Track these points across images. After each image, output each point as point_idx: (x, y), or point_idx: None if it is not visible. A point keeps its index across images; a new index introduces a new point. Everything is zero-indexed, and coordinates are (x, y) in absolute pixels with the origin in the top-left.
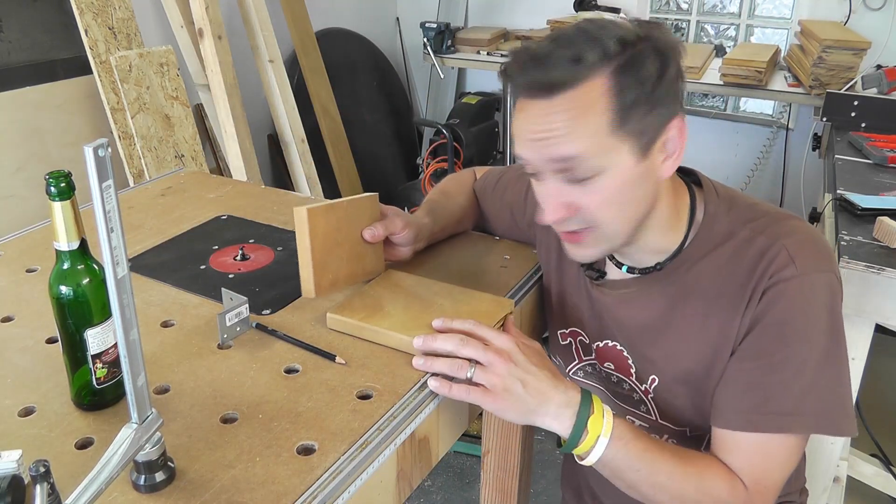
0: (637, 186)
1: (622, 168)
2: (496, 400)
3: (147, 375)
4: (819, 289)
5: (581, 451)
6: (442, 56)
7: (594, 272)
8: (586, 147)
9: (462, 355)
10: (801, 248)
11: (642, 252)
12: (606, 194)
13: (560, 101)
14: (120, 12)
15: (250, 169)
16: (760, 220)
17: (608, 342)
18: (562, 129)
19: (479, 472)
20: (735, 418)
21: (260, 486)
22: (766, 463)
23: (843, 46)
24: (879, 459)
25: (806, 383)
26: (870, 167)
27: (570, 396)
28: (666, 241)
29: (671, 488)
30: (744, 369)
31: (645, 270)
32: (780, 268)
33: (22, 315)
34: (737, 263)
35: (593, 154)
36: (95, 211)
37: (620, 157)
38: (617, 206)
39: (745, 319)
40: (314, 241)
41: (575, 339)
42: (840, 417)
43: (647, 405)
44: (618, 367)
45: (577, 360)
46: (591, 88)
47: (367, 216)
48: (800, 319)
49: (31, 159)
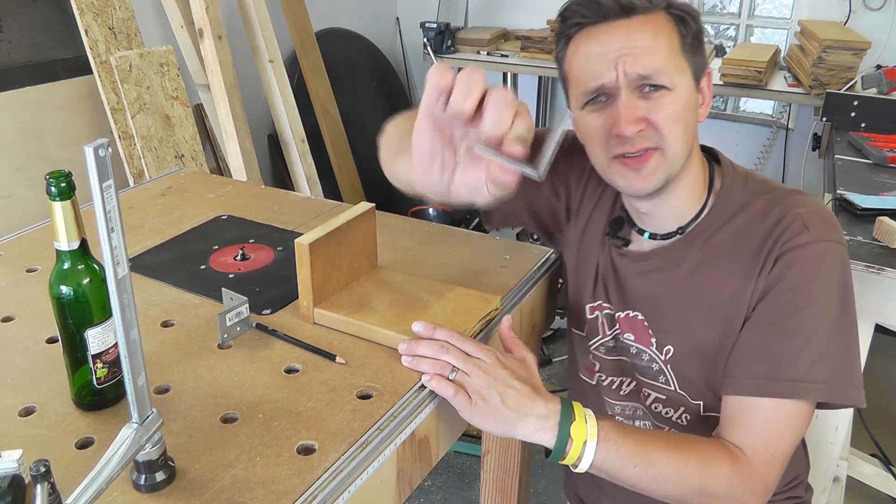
0: (692, 113)
1: (686, 89)
2: (474, 409)
3: (147, 375)
4: (831, 257)
5: (571, 460)
6: (442, 56)
7: (619, 240)
8: (665, 60)
9: (442, 360)
10: (814, 217)
11: (668, 212)
12: (674, 109)
13: (639, 22)
14: (120, 12)
15: (250, 169)
16: (774, 192)
17: (629, 312)
18: (647, 44)
19: (479, 472)
20: (747, 384)
21: (260, 485)
22: (776, 430)
23: (842, 46)
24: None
25: (815, 350)
26: (870, 167)
27: (550, 408)
28: (688, 205)
29: (673, 476)
30: (757, 335)
31: (667, 235)
32: (794, 234)
33: (22, 315)
34: (752, 232)
35: (671, 68)
36: (96, 211)
37: (685, 79)
38: (682, 124)
39: (758, 285)
40: (314, 273)
41: (602, 311)
42: (848, 386)
43: (665, 375)
44: (638, 338)
45: (602, 335)
46: (658, 18)
47: (365, 229)
48: (813, 285)
49: (31, 159)
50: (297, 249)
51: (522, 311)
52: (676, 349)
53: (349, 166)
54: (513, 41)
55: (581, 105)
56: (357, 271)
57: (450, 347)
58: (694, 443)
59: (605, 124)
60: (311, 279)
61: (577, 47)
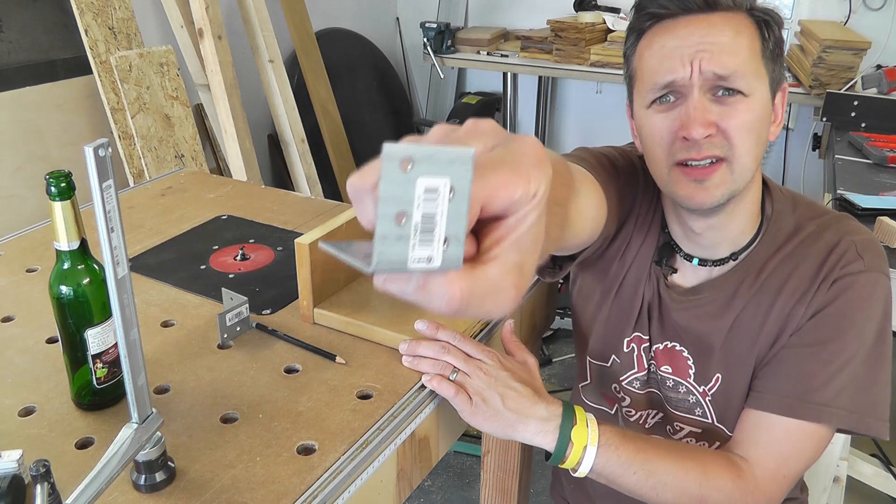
0: (765, 126)
1: (762, 98)
2: (474, 410)
3: (147, 375)
4: (880, 288)
5: (571, 464)
6: (442, 56)
7: (668, 268)
8: (745, 62)
9: (443, 361)
10: (867, 246)
11: (724, 236)
12: (748, 118)
13: (720, 18)
14: (120, 12)
15: (250, 169)
16: (823, 216)
17: (667, 343)
18: (727, 41)
19: (479, 472)
20: (774, 400)
21: (260, 485)
22: (792, 451)
23: (843, 46)
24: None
25: (847, 377)
26: (870, 167)
27: (552, 411)
28: (744, 229)
29: (673, 485)
30: (794, 354)
31: (719, 262)
32: (850, 261)
33: (22, 315)
34: (804, 256)
35: (749, 72)
36: (96, 211)
37: (762, 86)
38: (754, 135)
39: (809, 308)
40: (314, 273)
41: (640, 345)
42: (872, 417)
43: (703, 408)
44: (675, 370)
45: (637, 369)
46: (740, 18)
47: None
48: (858, 314)
49: (31, 159)
50: (297, 249)
51: (522, 312)
52: (723, 379)
53: (349, 166)
54: (513, 41)
55: (647, 104)
56: (357, 271)
57: (451, 348)
58: (697, 453)
59: (671, 126)
60: (311, 279)
61: (650, 40)
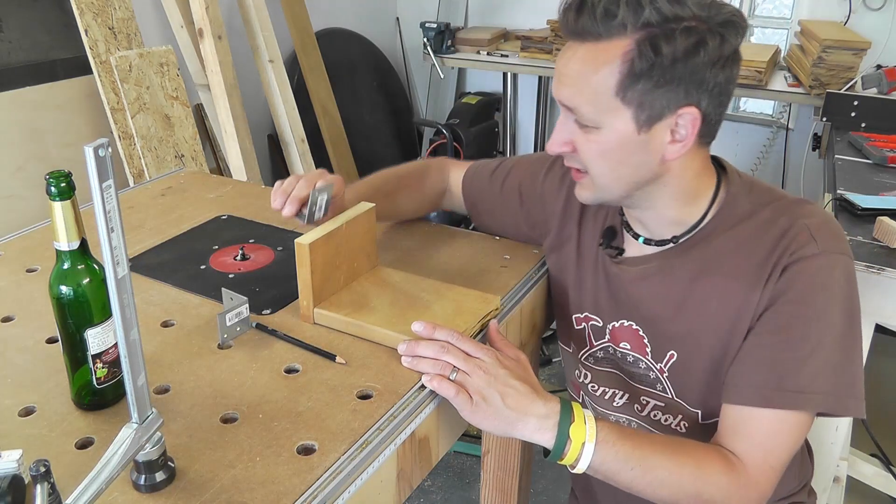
0: (633, 153)
1: (619, 131)
2: (475, 409)
3: (147, 375)
4: (838, 269)
5: (569, 461)
6: (442, 56)
7: (613, 249)
8: (586, 101)
9: (443, 360)
10: (821, 228)
11: (658, 221)
12: (600, 148)
13: (584, 51)
14: (120, 12)
15: (250, 169)
16: (780, 201)
17: (623, 322)
18: (573, 77)
19: (479, 472)
20: (750, 393)
21: (260, 485)
22: (775, 441)
23: (843, 46)
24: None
25: (819, 362)
26: (870, 167)
27: (550, 408)
28: (683, 214)
29: (669, 481)
30: (761, 344)
31: (661, 242)
32: (802, 245)
33: (22, 315)
34: (758, 241)
35: (592, 110)
36: (96, 211)
37: (619, 120)
38: (610, 163)
39: (764, 295)
40: (314, 273)
41: (588, 323)
42: (848, 397)
43: (662, 383)
44: (633, 347)
45: (589, 346)
46: (614, 47)
47: (365, 229)
48: (819, 298)
49: (31, 159)
50: (297, 249)
51: (522, 311)
52: (679, 357)
53: (349, 166)
54: (513, 41)
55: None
56: (357, 271)
57: (450, 347)
58: (692, 448)
59: None
60: (311, 279)
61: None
